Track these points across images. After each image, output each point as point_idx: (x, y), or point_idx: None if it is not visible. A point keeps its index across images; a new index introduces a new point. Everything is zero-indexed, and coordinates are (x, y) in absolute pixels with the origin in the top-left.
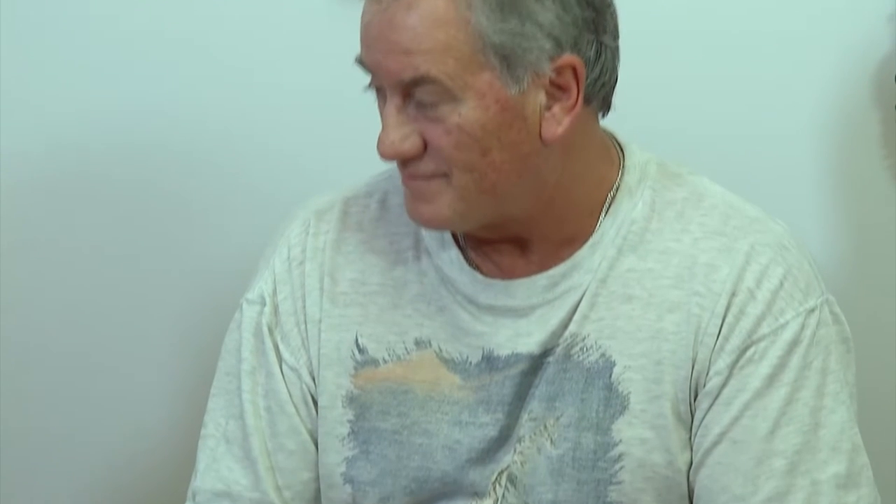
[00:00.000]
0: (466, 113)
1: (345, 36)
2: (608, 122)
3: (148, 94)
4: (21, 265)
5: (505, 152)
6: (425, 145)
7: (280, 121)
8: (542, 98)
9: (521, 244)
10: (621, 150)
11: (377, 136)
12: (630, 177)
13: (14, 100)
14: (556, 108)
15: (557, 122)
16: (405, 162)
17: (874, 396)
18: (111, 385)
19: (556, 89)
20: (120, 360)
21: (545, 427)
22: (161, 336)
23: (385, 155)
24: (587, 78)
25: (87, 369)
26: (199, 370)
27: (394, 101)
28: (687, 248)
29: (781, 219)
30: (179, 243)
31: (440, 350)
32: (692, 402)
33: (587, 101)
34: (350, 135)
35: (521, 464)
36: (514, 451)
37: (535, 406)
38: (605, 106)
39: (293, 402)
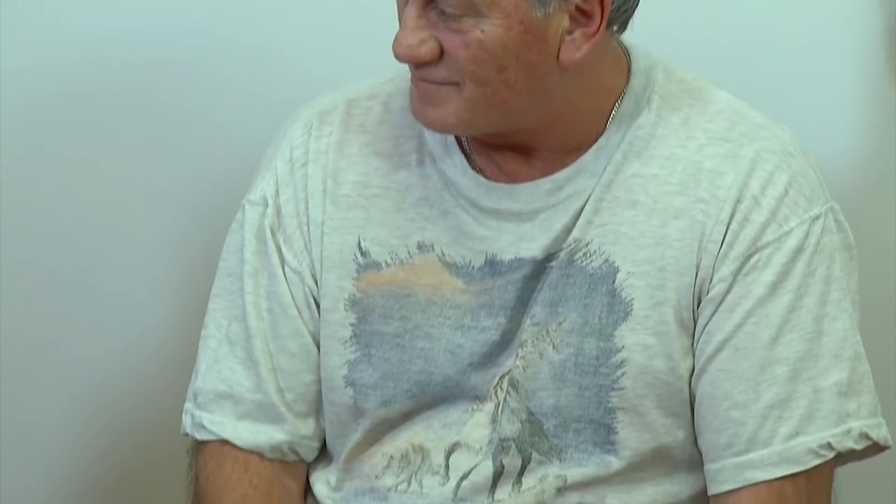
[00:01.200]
0: (489, 30)
1: None
2: None
3: (143, 3)
4: (19, 181)
5: (521, 71)
6: (441, 52)
7: (279, 22)
8: (565, 22)
9: (525, 151)
10: (627, 54)
11: (393, 37)
12: (636, 83)
13: (11, 16)
14: (578, 34)
15: (577, 48)
16: (418, 65)
17: (876, 305)
18: (111, 283)
19: (581, 15)
20: (120, 259)
21: (547, 332)
22: (162, 237)
23: (400, 57)
24: (612, 4)
25: (87, 267)
26: (199, 271)
27: (416, 4)
28: (692, 154)
29: (786, 125)
30: (180, 144)
31: (443, 254)
32: (695, 308)
33: (608, 25)
34: (352, 35)
35: (523, 368)
36: (516, 355)
37: (537, 311)
38: (623, 27)
39: (296, 304)
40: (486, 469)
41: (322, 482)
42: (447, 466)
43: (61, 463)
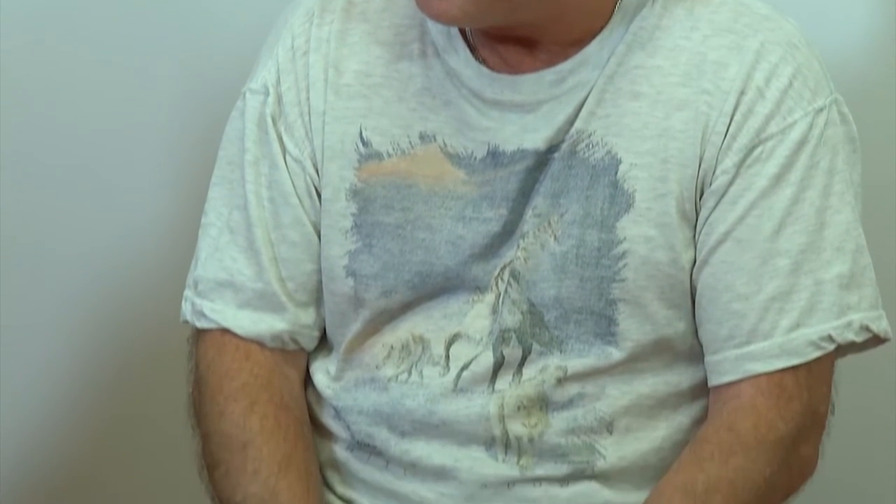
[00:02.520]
0: None
1: None
2: None
3: None
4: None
5: None
6: None
7: None
8: None
9: (529, 43)
10: None
11: None
12: None
13: None
14: None
15: None
16: None
17: (878, 198)
18: (110, 173)
19: None
20: (119, 149)
21: (549, 223)
22: (162, 126)
23: None
24: None
25: (86, 158)
26: (200, 160)
27: None
28: (696, 45)
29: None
30: (179, 32)
31: (445, 144)
32: (697, 200)
33: None
34: None
35: (525, 259)
36: (518, 246)
37: (539, 202)
38: None
39: (297, 193)
40: (487, 360)
41: (322, 372)
42: (447, 357)
43: (62, 357)
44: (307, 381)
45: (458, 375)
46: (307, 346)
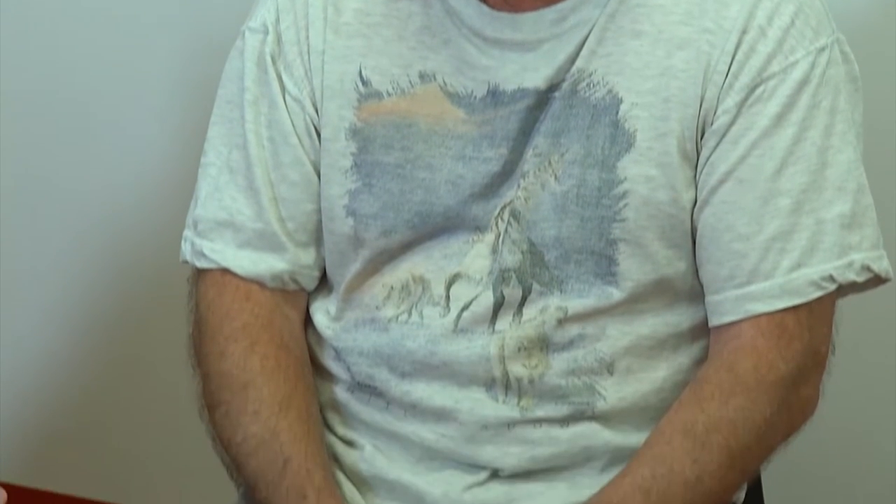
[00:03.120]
0: None
1: None
2: None
3: None
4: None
5: None
6: None
7: None
8: None
9: None
10: None
11: None
12: None
13: None
14: None
15: None
16: None
17: (879, 136)
18: (110, 113)
19: None
20: (119, 89)
21: (549, 163)
22: (161, 65)
23: None
24: None
25: (86, 98)
26: (199, 99)
27: None
28: None
29: None
30: None
31: (445, 84)
32: (699, 140)
33: None
34: None
35: (525, 199)
36: (518, 186)
37: (539, 142)
38: None
39: (296, 132)
40: (487, 300)
41: (322, 312)
42: (447, 297)
43: (64, 298)
44: (307, 322)
45: (459, 316)
46: (307, 286)
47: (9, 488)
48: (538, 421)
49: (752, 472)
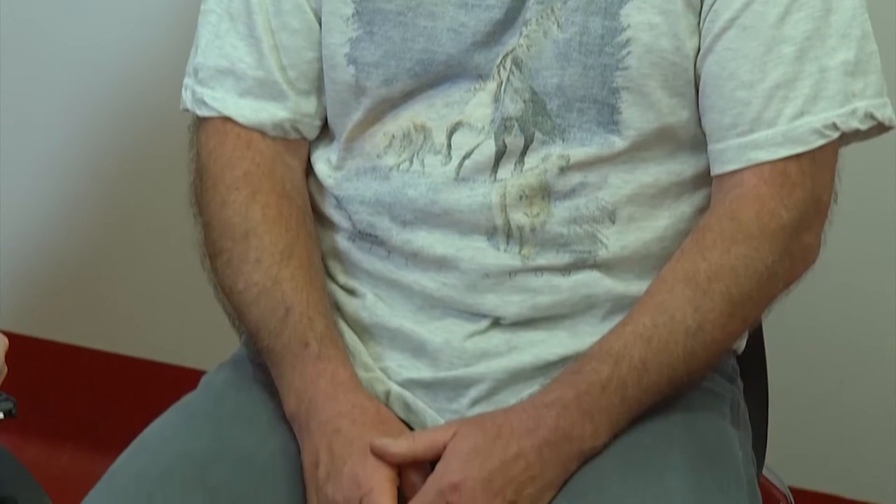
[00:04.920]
0: None
1: None
2: None
3: None
4: None
5: None
6: None
7: None
8: None
9: None
10: None
11: None
12: None
13: None
14: None
15: None
16: None
17: None
18: None
19: None
20: None
21: (552, 10)
22: None
23: None
24: None
25: None
26: None
27: None
28: None
29: None
30: None
31: None
32: None
33: None
34: None
35: (527, 47)
36: (520, 34)
37: None
38: None
39: None
40: (489, 149)
41: (323, 161)
42: (449, 146)
43: (65, 149)
44: (308, 171)
45: (461, 165)
46: (308, 134)
47: (10, 336)
48: (539, 269)
49: (753, 320)
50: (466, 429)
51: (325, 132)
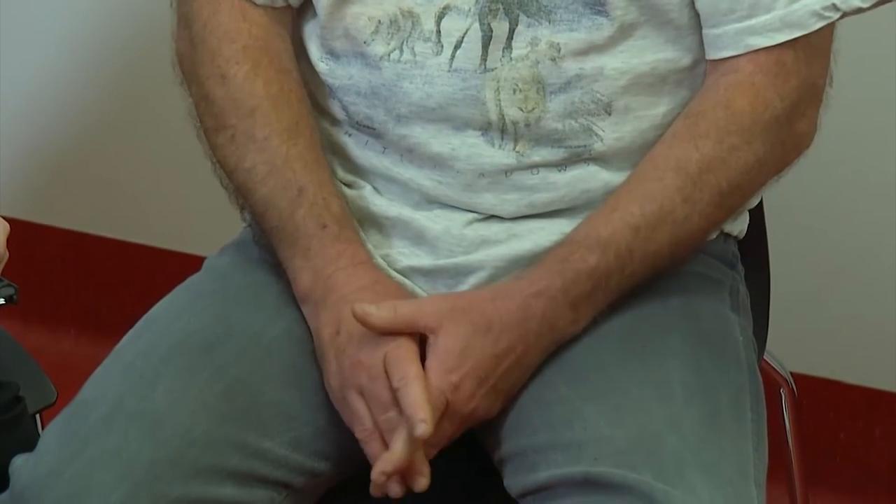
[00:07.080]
0: None
1: None
2: None
3: None
4: None
5: None
6: None
7: None
8: None
9: None
10: None
11: None
12: None
13: None
14: None
15: None
16: None
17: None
18: None
19: None
20: None
21: None
22: None
23: None
24: None
25: None
26: None
27: None
28: None
29: None
30: None
31: None
32: None
33: None
34: None
35: None
36: None
37: None
38: None
39: None
40: (477, 34)
41: (314, 39)
42: (438, 32)
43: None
44: (302, 56)
45: (453, 55)
46: (293, 1)
47: (11, 222)
48: (535, 166)
49: (738, 209)
50: (455, 324)
51: (310, 5)
